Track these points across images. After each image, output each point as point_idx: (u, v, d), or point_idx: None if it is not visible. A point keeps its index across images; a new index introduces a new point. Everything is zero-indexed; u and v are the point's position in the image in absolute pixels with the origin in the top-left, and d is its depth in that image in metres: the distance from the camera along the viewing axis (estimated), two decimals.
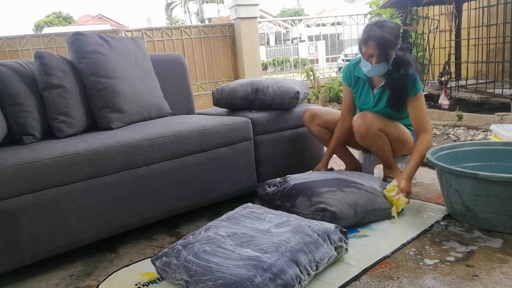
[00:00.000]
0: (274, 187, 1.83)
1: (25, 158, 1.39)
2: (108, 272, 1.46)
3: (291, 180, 1.82)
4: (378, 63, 1.75)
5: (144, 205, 1.65)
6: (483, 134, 2.97)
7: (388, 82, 1.84)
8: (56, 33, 4.64)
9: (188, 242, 1.30)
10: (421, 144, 1.79)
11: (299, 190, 1.72)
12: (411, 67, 1.78)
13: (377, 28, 1.71)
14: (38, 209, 1.40)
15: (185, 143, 1.74)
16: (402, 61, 1.78)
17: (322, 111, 2.12)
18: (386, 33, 1.70)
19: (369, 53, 1.75)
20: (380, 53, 1.73)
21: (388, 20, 1.77)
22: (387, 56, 1.74)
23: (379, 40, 1.70)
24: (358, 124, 1.87)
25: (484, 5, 3.93)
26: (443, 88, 3.93)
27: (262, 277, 1.08)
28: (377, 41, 1.71)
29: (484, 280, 1.21)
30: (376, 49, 1.72)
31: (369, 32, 1.73)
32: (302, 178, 1.83)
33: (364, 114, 1.88)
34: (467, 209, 1.54)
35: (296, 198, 1.68)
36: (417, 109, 1.83)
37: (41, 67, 1.72)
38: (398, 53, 1.76)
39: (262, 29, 6.19)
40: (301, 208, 1.64)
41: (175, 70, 2.42)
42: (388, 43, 1.71)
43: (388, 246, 1.45)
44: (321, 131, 2.12)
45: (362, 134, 1.87)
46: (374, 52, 1.73)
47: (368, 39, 1.73)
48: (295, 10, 26.90)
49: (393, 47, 1.73)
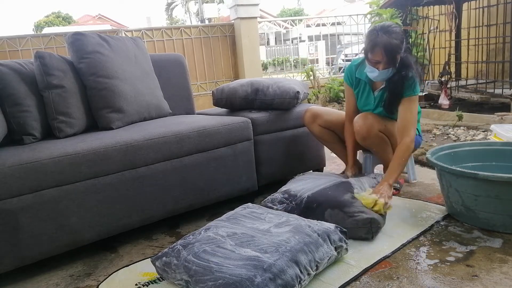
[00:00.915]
0: (282, 205, 1.68)
1: (25, 158, 1.39)
2: (108, 272, 1.46)
3: (299, 193, 1.69)
4: (385, 69, 1.73)
5: (144, 205, 1.65)
6: (483, 134, 2.97)
7: (388, 85, 1.83)
8: (56, 33, 4.64)
9: (188, 242, 1.30)
10: (400, 149, 1.73)
11: (320, 202, 1.59)
12: (411, 70, 1.77)
13: (383, 34, 1.67)
14: (38, 209, 1.40)
15: (185, 143, 1.74)
16: (404, 63, 1.76)
17: (324, 111, 2.10)
18: (393, 39, 1.67)
19: (376, 60, 1.72)
20: (388, 60, 1.70)
21: (393, 25, 1.73)
22: (395, 61, 1.72)
23: (387, 46, 1.67)
24: (359, 125, 1.86)
25: (484, 5, 3.93)
26: (443, 88, 3.94)
27: (262, 277, 1.08)
28: (384, 48, 1.67)
29: (484, 280, 1.21)
30: (384, 56, 1.69)
31: (376, 38, 1.68)
32: (307, 187, 1.73)
33: (365, 115, 1.87)
34: (467, 209, 1.54)
35: (323, 212, 1.56)
36: (407, 110, 1.79)
37: (41, 67, 1.72)
38: (401, 56, 1.75)
39: (262, 29, 6.19)
40: (336, 222, 1.49)
41: (175, 70, 2.42)
42: (396, 49, 1.68)
43: (388, 246, 1.45)
44: (323, 132, 2.11)
45: (363, 135, 1.87)
46: (382, 59, 1.70)
47: (375, 45, 1.69)
48: (295, 10, 26.90)
49: (399, 52, 1.71)
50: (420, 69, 1.84)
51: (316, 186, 1.72)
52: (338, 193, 1.63)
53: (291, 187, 1.77)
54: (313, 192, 1.67)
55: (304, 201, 1.63)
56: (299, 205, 1.63)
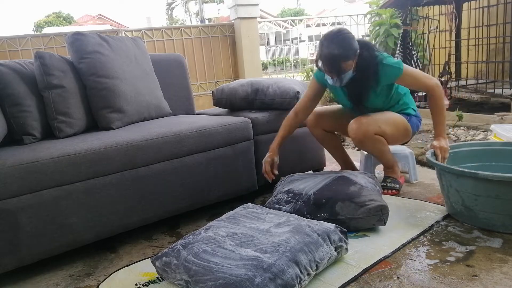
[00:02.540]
0: (289, 204, 1.67)
1: (25, 158, 1.39)
2: (108, 272, 1.46)
3: (303, 191, 1.69)
4: (338, 77, 1.74)
5: (144, 205, 1.66)
6: (483, 134, 2.97)
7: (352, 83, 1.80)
8: (56, 33, 4.63)
9: (188, 242, 1.30)
10: (433, 103, 1.79)
11: (328, 197, 1.61)
12: (375, 64, 1.75)
13: (327, 45, 1.69)
14: (38, 209, 1.40)
15: (185, 143, 1.74)
16: (363, 64, 1.75)
17: (327, 114, 2.08)
18: (333, 50, 1.67)
19: (326, 70, 1.75)
20: (333, 69, 1.72)
21: (340, 31, 1.72)
22: (342, 69, 1.71)
23: (328, 58, 1.69)
24: (354, 131, 1.86)
25: (484, 5, 3.93)
26: (443, 88, 3.94)
27: (262, 277, 1.08)
28: (326, 60, 1.70)
29: (484, 280, 1.21)
30: (327, 67, 1.72)
31: (319, 50, 1.73)
32: (309, 185, 1.72)
33: (358, 120, 1.86)
34: (467, 209, 1.54)
35: (333, 206, 1.57)
36: (411, 82, 1.81)
37: (41, 67, 1.72)
38: (363, 54, 1.74)
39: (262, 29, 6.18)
40: (348, 213, 1.55)
41: (175, 70, 2.42)
42: (338, 59, 1.68)
43: (388, 246, 1.45)
44: (324, 136, 2.10)
45: (360, 139, 1.87)
46: (328, 70, 1.73)
47: (319, 58, 1.75)
48: (295, 11, 26.91)
49: (345, 59, 1.68)
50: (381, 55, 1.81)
51: (318, 183, 1.72)
52: (343, 186, 1.65)
53: (292, 187, 1.76)
54: (318, 188, 1.68)
55: (312, 198, 1.63)
56: (307, 203, 1.63)
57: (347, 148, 3.07)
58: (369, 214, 1.53)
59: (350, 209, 1.55)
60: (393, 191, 1.98)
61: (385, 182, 2.00)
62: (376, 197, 1.59)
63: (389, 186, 1.99)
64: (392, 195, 1.96)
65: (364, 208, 1.54)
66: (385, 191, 1.95)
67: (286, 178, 1.90)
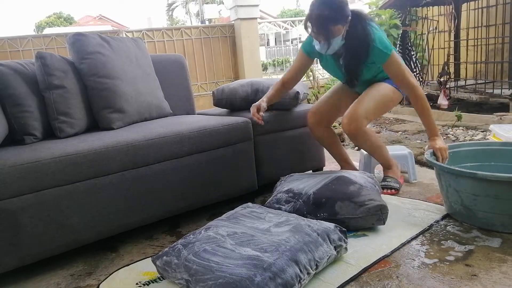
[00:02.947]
0: (289, 204, 1.67)
1: (26, 158, 1.40)
2: (109, 272, 1.46)
3: (303, 190, 1.69)
4: (325, 42, 1.70)
5: (145, 204, 1.66)
6: (482, 134, 2.98)
7: (345, 52, 1.78)
8: (57, 34, 4.64)
9: (188, 242, 1.30)
10: (417, 106, 1.80)
11: (328, 197, 1.60)
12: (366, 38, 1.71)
13: (317, 6, 1.64)
14: (38, 209, 1.41)
15: (185, 143, 1.75)
16: (354, 33, 1.71)
17: (326, 112, 2.08)
18: (323, 11, 1.62)
19: (313, 32, 1.70)
20: (320, 31, 1.67)
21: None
22: (331, 33, 1.66)
23: (316, 19, 1.64)
24: (348, 127, 1.87)
25: (483, 5, 3.94)
26: (442, 88, 3.95)
27: (262, 276, 1.09)
28: (314, 21, 1.66)
29: (483, 279, 1.21)
30: (315, 28, 1.67)
31: (309, 11, 1.67)
32: (308, 185, 1.73)
33: (350, 114, 1.86)
34: (466, 208, 1.54)
35: (333, 205, 1.58)
36: (391, 68, 1.77)
37: (42, 68, 1.73)
38: (357, 26, 1.69)
39: (262, 29, 6.19)
40: (347, 213, 1.55)
41: (175, 70, 2.43)
42: (326, 21, 1.63)
43: (387, 245, 1.45)
44: (324, 136, 2.11)
45: (353, 134, 1.89)
46: (316, 32, 1.68)
47: (308, 19, 1.69)
48: (295, 11, 26.91)
49: (334, 22, 1.64)
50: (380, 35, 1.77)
51: (317, 183, 1.72)
52: (342, 186, 1.65)
53: (292, 186, 1.77)
54: (317, 188, 1.68)
55: (312, 197, 1.64)
56: (306, 202, 1.63)
57: (347, 148, 3.08)
58: (368, 213, 1.54)
59: (349, 208, 1.56)
60: (393, 191, 1.99)
61: (385, 182, 2.01)
62: (376, 196, 1.60)
63: (389, 186, 1.99)
64: (392, 194, 1.97)
65: (364, 208, 1.54)
66: (384, 191, 1.96)
67: (286, 177, 1.91)
